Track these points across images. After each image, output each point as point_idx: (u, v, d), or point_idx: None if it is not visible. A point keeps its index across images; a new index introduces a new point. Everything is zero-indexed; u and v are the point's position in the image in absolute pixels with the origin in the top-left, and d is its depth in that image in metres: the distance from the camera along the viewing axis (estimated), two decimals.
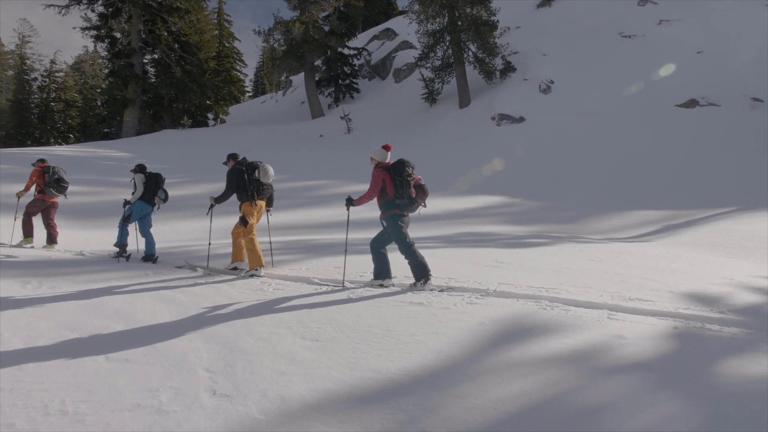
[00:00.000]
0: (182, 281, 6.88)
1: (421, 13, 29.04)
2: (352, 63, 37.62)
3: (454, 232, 11.97)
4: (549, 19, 35.44)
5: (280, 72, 41.46)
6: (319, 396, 3.34)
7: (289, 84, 48.48)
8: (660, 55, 28.21)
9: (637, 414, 3.16)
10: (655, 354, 4.16)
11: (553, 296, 5.76)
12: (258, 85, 79.50)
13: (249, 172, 7.46)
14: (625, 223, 14.22)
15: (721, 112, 22.98)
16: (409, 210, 6.35)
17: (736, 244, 10.70)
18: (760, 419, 3.19)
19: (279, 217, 12.06)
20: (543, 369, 3.74)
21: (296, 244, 10.24)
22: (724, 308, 5.65)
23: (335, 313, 5.16)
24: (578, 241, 10.86)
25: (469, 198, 16.55)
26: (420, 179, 6.39)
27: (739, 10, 34.18)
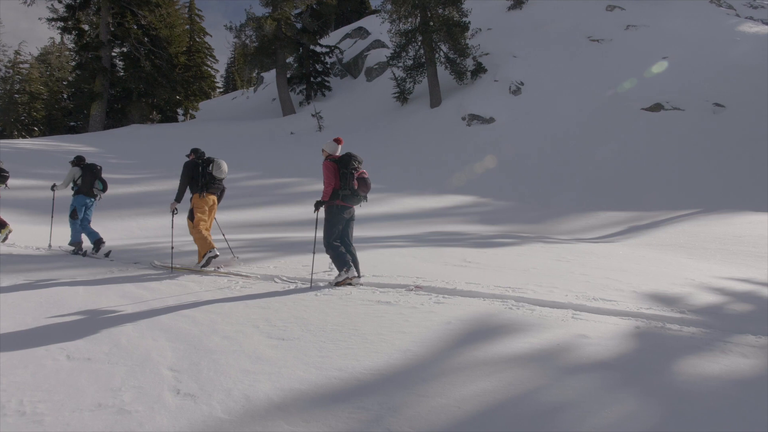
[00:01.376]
0: (147, 278, 6.80)
1: (394, 12, 29.08)
2: (324, 61, 37.49)
3: (423, 231, 12.03)
4: (520, 22, 35.81)
5: (252, 68, 41.06)
6: (284, 395, 3.33)
7: (261, 81, 48.12)
8: (627, 59, 28.71)
9: (597, 412, 3.22)
10: (617, 353, 4.23)
11: (519, 296, 5.82)
12: (229, 81, 78.70)
13: (204, 165, 7.68)
14: (591, 224, 14.44)
15: (685, 116, 23.48)
16: (351, 201, 6.49)
17: (697, 246, 10.93)
18: (716, 417, 3.27)
19: (248, 214, 12.02)
20: (507, 368, 3.78)
21: (265, 242, 10.19)
22: (685, 308, 5.77)
23: (302, 311, 5.14)
24: (546, 241, 10.99)
25: (439, 197, 16.64)
26: (364, 173, 6.57)
27: (704, 17, 35.09)
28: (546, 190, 18.34)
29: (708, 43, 29.17)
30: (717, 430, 3.14)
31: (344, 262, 6.35)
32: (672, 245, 11.10)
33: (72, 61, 47.70)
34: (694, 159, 20.43)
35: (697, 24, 33.24)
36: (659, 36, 31.35)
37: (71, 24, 34.84)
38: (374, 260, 7.87)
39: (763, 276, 8.05)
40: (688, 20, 34.07)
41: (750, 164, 19.84)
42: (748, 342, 4.63)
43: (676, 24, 33.33)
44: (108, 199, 13.23)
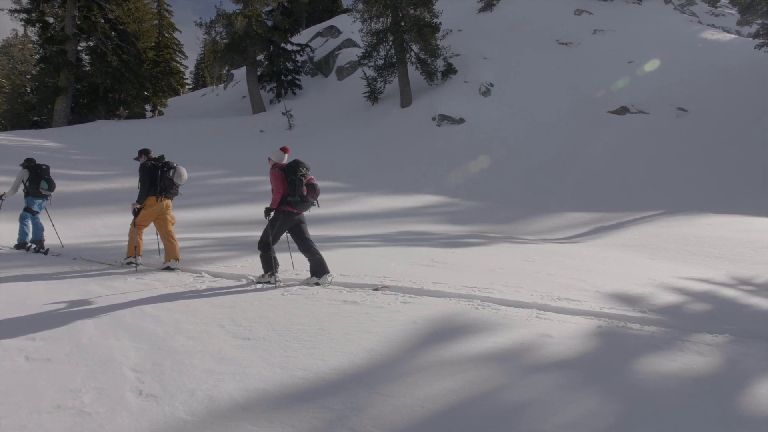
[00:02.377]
0: (111, 277, 6.69)
1: (365, 12, 29.08)
2: (295, 59, 37.28)
3: (392, 231, 12.05)
4: (490, 24, 36.13)
5: (222, 65, 40.65)
6: (248, 395, 3.32)
7: (231, 78, 47.63)
8: (594, 62, 29.19)
9: (558, 411, 3.27)
10: (579, 352, 4.31)
11: (485, 295, 5.87)
12: (198, 77, 77.73)
13: (164, 170, 7.69)
14: (558, 224, 14.62)
15: (650, 119, 23.95)
16: (300, 208, 6.59)
17: (660, 246, 11.15)
18: (673, 414, 3.36)
19: (216, 213, 11.91)
20: (471, 367, 3.82)
21: (233, 241, 10.10)
22: (646, 308, 5.89)
23: (268, 311, 5.12)
24: (513, 242, 11.11)
25: (408, 197, 16.69)
26: (312, 179, 6.71)
27: (668, 23, 35.91)
28: (514, 191, 18.53)
29: (672, 49, 29.79)
30: (674, 426, 3.23)
31: (270, 267, 6.51)
32: (636, 246, 11.30)
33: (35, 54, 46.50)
34: (658, 161, 20.86)
35: (661, 30, 34.00)
36: (625, 40, 31.93)
37: (35, 16, 33.95)
38: (342, 260, 7.86)
39: (722, 276, 8.25)
40: (653, 26, 34.83)
41: (711, 167, 20.33)
42: (705, 341, 4.74)
43: (642, 29, 34.04)
44: (72, 196, 13.00)
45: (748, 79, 25.69)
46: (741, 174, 19.81)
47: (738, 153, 21.05)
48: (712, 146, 21.58)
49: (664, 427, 3.20)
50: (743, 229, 12.60)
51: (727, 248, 10.58)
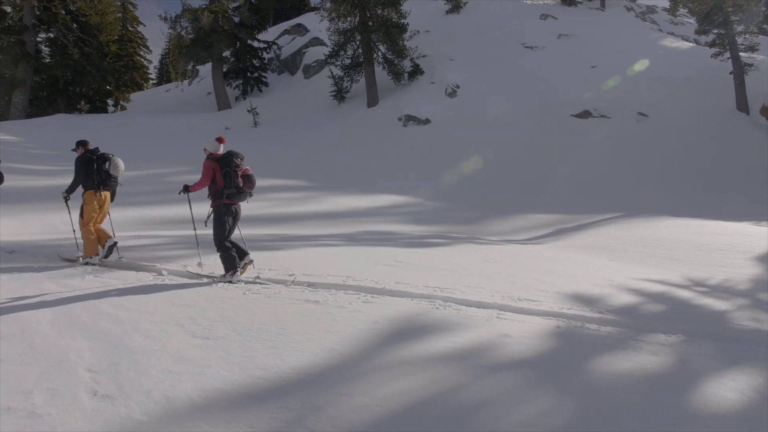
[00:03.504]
0: (67, 275, 6.55)
1: (333, 11, 28.99)
2: (262, 56, 36.92)
3: (356, 231, 12.04)
4: (457, 26, 36.37)
5: (187, 61, 40.07)
6: (206, 396, 3.29)
7: (196, 74, 46.94)
8: (558, 66, 29.61)
9: (516, 409, 3.33)
10: (537, 352, 4.39)
11: (446, 296, 5.93)
12: (163, 72, 76.41)
13: (99, 162, 7.65)
14: (521, 226, 14.78)
15: (612, 123, 24.42)
16: (237, 199, 6.69)
17: (619, 248, 11.37)
18: (626, 411, 3.45)
19: (177, 210, 11.72)
20: (431, 367, 3.86)
21: (194, 239, 9.95)
22: (603, 308, 6.01)
23: (229, 310, 5.08)
24: (476, 242, 11.21)
25: (373, 197, 16.69)
26: (248, 169, 6.79)
27: (630, 31, 36.73)
28: (478, 192, 18.69)
29: (633, 55, 30.41)
30: (627, 424, 3.31)
31: (232, 265, 6.51)
32: (595, 247, 11.51)
33: None
34: (618, 165, 21.28)
35: (623, 37, 34.74)
36: (589, 46, 32.50)
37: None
38: (305, 259, 7.85)
39: (677, 278, 8.47)
40: (616, 33, 35.58)
41: (669, 171, 20.84)
42: (659, 341, 4.87)
43: (605, 36, 34.73)
44: (30, 192, 12.67)
45: (706, 87, 26.43)
46: (697, 178, 20.37)
47: (695, 158, 21.64)
48: (670, 151, 22.13)
49: (616, 425, 3.28)
50: (698, 231, 12.93)
51: (682, 250, 10.85)
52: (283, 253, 8.44)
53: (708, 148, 22.23)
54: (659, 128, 23.70)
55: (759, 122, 24.04)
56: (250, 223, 12.27)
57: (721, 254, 10.45)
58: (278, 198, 15.58)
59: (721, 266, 9.51)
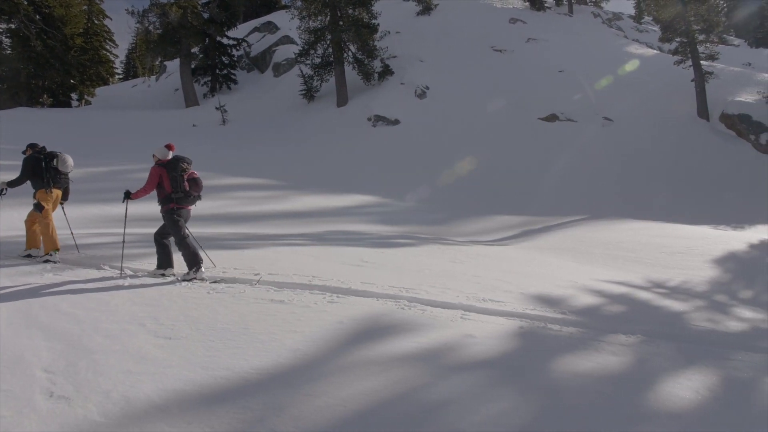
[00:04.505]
0: (25, 273, 6.39)
1: (304, 9, 28.87)
2: (231, 53, 36.53)
3: (323, 230, 12.00)
4: (427, 28, 36.51)
5: (154, 56, 39.52)
6: (167, 396, 3.25)
7: (163, 69, 46.25)
8: (527, 70, 29.93)
9: (478, 409, 3.36)
10: (500, 352, 4.44)
11: (412, 296, 5.95)
12: (129, 67, 75.04)
13: (47, 160, 7.61)
14: (488, 227, 14.91)
15: (578, 127, 24.79)
16: (185, 203, 6.74)
17: (583, 250, 11.55)
18: (585, 411, 3.51)
19: (142, 208, 11.53)
20: (394, 367, 3.87)
21: None
22: (566, 309, 6.10)
23: (192, 309, 5.02)
24: (442, 243, 11.27)
25: (341, 196, 16.66)
26: (194, 173, 6.84)
27: (597, 36, 37.41)
28: (446, 193, 18.79)
29: (600, 61, 30.94)
30: (586, 422, 3.37)
31: (195, 261, 6.54)
32: (560, 249, 11.67)
33: None
34: (584, 168, 21.60)
35: (590, 42, 35.34)
36: (557, 50, 32.95)
37: None
38: (271, 258, 7.79)
39: (638, 279, 8.65)
40: (583, 38, 36.17)
41: (633, 175, 21.24)
42: (619, 341, 4.97)
43: (572, 41, 35.28)
44: None
45: (668, 93, 27.00)
46: (659, 183, 20.79)
47: (657, 163, 22.09)
48: (633, 155, 22.55)
49: (576, 424, 3.34)
50: (660, 234, 13.21)
51: (644, 253, 11.07)
52: (249, 253, 8.37)
53: (670, 153, 22.73)
54: (624, 133, 24.15)
55: (718, 129, 24.67)
56: (216, 221, 12.17)
57: (680, 257, 10.70)
58: (245, 197, 15.46)
59: (681, 268, 9.74)
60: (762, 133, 23.48)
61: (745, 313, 6.94)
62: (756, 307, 7.34)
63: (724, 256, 10.90)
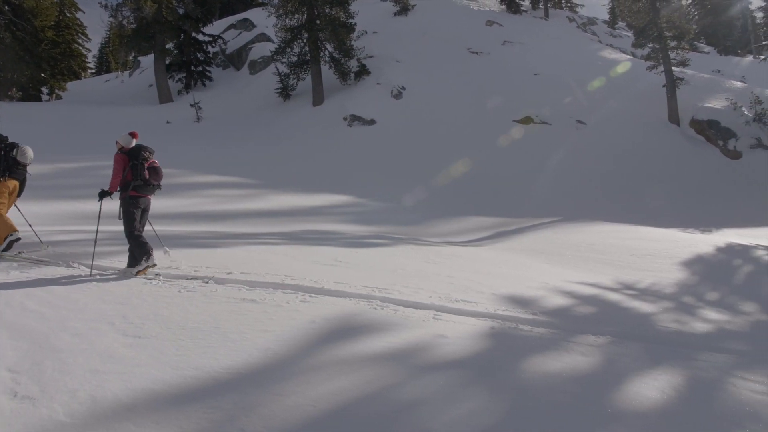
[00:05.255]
0: None
1: (281, 7, 28.76)
2: (207, 50, 36.16)
3: (297, 229, 11.96)
4: (405, 28, 36.57)
5: (128, 51, 38.90)
6: (134, 396, 3.21)
7: (137, 65, 45.59)
8: (503, 72, 30.16)
9: (448, 408, 3.38)
10: (471, 352, 4.47)
11: (385, 296, 5.95)
12: (102, 62, 73.84)
13: (7, 150, 7.59)
14: (462, 228, 14.98)
15: (552, 130, 25.05)
16: (144, 191, 6.74)
17: (555, 252, 11.66)
18: (553, 411, 3.55)
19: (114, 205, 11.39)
20: (365, 366, 3.88)
21: None
22: (537, 310, 6.17)
23: (163, 308, 4.96)
24: (417, 243, 11.30)
25: (316, 196, 16.62)
26: (155, 162, 6.86)
27: (572, 41, 37.87)
28: (421, 193, 18.84)
29: (574, 65, 31.31)
30: (554, 422, 3.41)
31: (145, 251, 6.51)
32: (533, 250, 11.77)
33: None
34: (557, 171, 21.83)
35: (565, 46, 35.77)
36: (532, 53, 33.26)
37: None
38: (244, 257, 7.74)
39: (608, 281, 8.77)
40: (558, 42, 36.61)
41: (604, 178, 21.54)
42: (588, 342, 5.04)
43: (548, 44, 35.65)
44: None
45: (641, 98, 27.45)
46: (630, 186, 21.12)
47: (628, 166, 22.43)
48: (605, 158, 22.86)
49: (544, 424, 3.38)
50: (631, 237, 13.39)
51: (615, 255, 11.22)
52: (222, 251, 8.31)
53: (641, 157, 23.09)
54: (596, 136, 24.47)
55: (688, 134, 25.16)
56: (189, 219, 12.06)
57: (650, 259, 10.87)
58: (219, 195, 15.34)
59: (650, 270, 9.89)
60: (730, 139, 24.02)
61: (711, 315, 7.08)
62: (721, 309, 7.50)
63: (692, 259, 11.11)
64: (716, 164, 23.11)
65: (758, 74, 34.73)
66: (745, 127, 24.26)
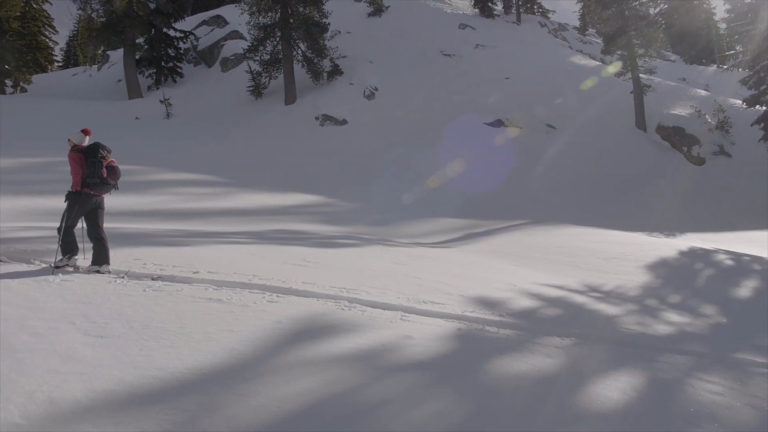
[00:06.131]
0: None
1: (254, 5, 28.55)
2: (178, 46, 35.59)
3: (267, 229, 11.88)
4: (378, 29, 36.60)
5: (97, 45, 38.20)
6: (95, 397, 3.15)
7: (106, 59, 44.73)
8: (475, 75, 30.38)
9: (412, 409, 3.40)
10: (437, 353, 4.49)
11: (352, 297, 5.95)
12: (70, 55, 72.30)
13: None
14: (432, 229, 15.05)
15: (522, 133, 25.32)
16: (100, 190, 6.67)
17: (523, 254, 11.78)
18: (517, 411, 3.60)
19: None
20: (331, 367, 3.87)
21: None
22: (504, 312, 6.23)
23: (127, 307, 4.88)
24: (386, 244, 11.32)
25: (286, 195, 16.55)
26: (113, 161, 6.80)
27: (543, 46, 38.36)
28: (393, 194, 18.87)
29: (545, 69, 31.67)
30: (517, 423, 3.45)
31: (71, 249, 6.50)
32: (502, 252, 11.87)
33: None
34: (526, 174, 22.08)
35: (537, 51, 36.20)
36: (504, 57, 33.53)
37: None
38: (212, 256, 7.66)
39: (575, 283, 8.91)
40: (530, 47, 37.03)
41: (573, 182, 21.86)
42: (553, 343, 5.11)
43: (519, 49, 36.02)
44: None
45: (609, 104, 27.91)
46: (597, 190, 21.47)
47: (596, 171, 22.80)
48: (574, 163, 23.21)
49: (507, 424, 3.42)
50: (597, 240, 13.62)
51: (581, 257, 11.39)
52: (189, 250, 8.20)
53: (608, 161, 23.50)
54: (566, 140, 24.82)
55: (654, 140, 25.69)
56: (157, 217, 11.88)
57: (615, 262, 11.06)
58: (188, 193, 15.17)
59: (615, 273, 10.08)
60: (694, 145, 24.63)
61: (673, 317, 7.24)
62: (683, 312, 7.68)
63: (656, 262, 11.35)
64: (680, 170, 23.66)
65: (721, 83, 35.64)
66: (708, 134, 24.91)
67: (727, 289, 9.69)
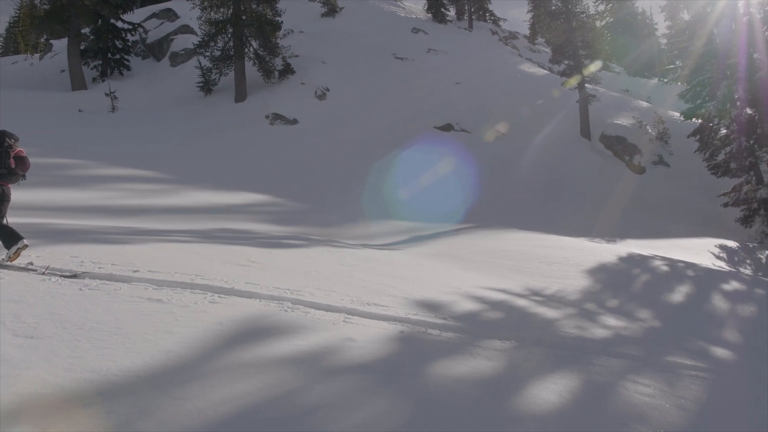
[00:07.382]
0: None
1: (206, 0, 28.17)
2: (126, 38, 34.68)
3: (211, 228, 11.68)
4: (332, 30, 36.57)
5: (39, 33, 36.85)
6: (20, 401, 3.02)
7: (49, 48, 43.16)
8: (426, 79, 30.69)
9: (351, 412, 3.40)
10: (379, 356, 4.51)
11: (296, 298, 5.90)
12: (10, 42, 69.50)
13: None
14: (380, 231, 15.09)
15: (471, 138, 25.71)
16: (8, 180, 6.47)
17: (468, 257, 11.91)
18: (455, 414, 3.65)
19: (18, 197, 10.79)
20: (271, 369, 3.84)
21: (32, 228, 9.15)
22: (447, 314, 6.29)
23: (60, 307, 4.71)
24: (333, 245, 11.29)
25: (233, 194, 16.33)
26: (21, 151, 6.55)
27: (494, 53, 39.11)
28: (340, 195, 18.86)
29: (495, 76, 32.25)
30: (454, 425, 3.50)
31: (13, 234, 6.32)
32: (446, 255, 11.97)
33: None
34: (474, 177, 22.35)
35: (487, 58, 36.85)
36: (456, 62, 33.99)
37: None
38: (153, 254, 7.48)
39: (517, 287, 9.05)
40: (481, 53, 37.68)
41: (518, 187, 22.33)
42: (494, 346, 5.20)
43: (471, 55, 36.59)
44: None
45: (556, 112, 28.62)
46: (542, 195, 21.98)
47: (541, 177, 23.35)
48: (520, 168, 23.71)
49: (444, 427, 3.46)
50: (540, 245, 13.88)
51: (525, 262, 11.59)
52: (130, 248, 7.99)
53: (553, 168, 24.08)
54: (514, 146, 25.32)
55: (597, 148, 26.47)
56: (96, 214, 11.55)
57: (557, 266, 11.30)
58: (131, 189, 14.80)
59: (557, 277, 10.29)
60: (635, 154, 25.48)
61: (610, 321, 7.46)
62: (619, 316, 7.91)
63: (596, 267, 11.65)
64: (622, 178, 24.44)
65: (662, 96, 36.94)
66: (648, 144, 25.85)
67: (661, 294, 10.03)
